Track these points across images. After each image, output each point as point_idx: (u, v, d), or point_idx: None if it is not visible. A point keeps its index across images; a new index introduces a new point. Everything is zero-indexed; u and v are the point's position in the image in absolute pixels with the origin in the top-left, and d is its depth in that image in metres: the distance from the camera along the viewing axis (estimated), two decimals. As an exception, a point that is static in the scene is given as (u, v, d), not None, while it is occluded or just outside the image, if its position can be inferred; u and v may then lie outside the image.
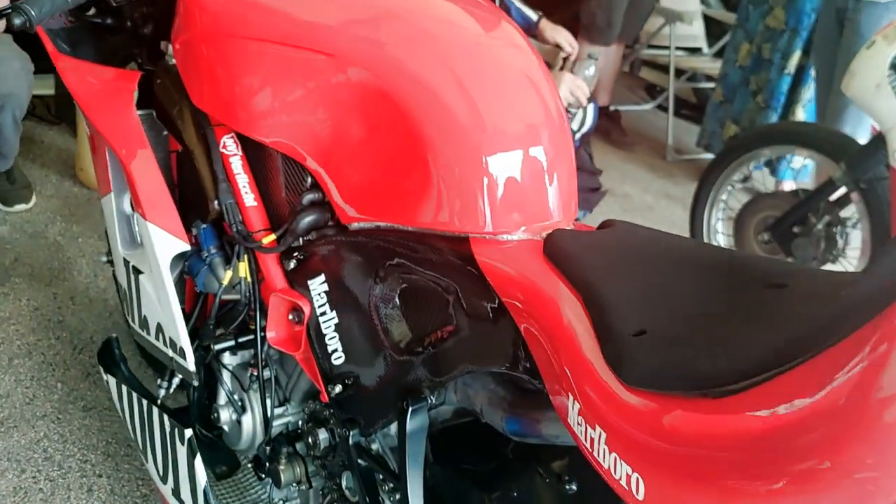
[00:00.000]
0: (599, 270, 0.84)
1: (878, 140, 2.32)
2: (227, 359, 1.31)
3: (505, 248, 1.00)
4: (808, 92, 3.69)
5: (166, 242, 1.21)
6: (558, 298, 0.85)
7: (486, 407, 1.05)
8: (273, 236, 1.19)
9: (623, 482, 0.67)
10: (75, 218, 2.69)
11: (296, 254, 1.20)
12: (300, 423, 1.32)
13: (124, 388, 1.44)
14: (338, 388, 1.14)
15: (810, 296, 0.70)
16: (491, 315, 0.95)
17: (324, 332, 1.16)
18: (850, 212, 2.57)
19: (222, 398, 1.33)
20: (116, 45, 1.53)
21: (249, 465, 1.44)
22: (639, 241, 0.93)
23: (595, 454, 0.71)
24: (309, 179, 1.18)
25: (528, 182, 1.04)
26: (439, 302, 1.04)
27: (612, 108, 4.34)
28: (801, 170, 3.45)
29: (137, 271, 1.30)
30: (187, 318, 1.30)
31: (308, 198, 1.18)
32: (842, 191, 2.51)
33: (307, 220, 1.17)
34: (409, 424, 1.04)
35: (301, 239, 1.20)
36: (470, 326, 0.98)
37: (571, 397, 0.75)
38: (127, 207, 1.41)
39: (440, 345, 1.03)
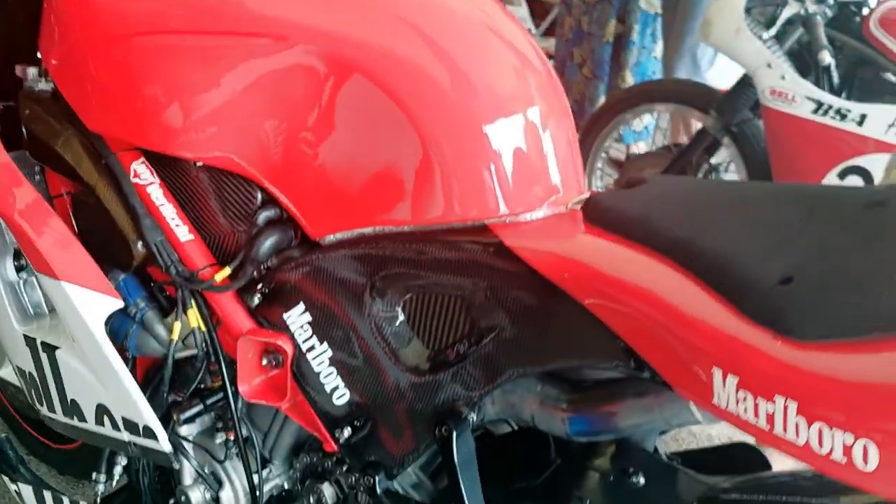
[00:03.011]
0: (681, 227, 0.73)
1: (743, 83, 2.40)
2: (186, 430, 1.08)
3: (536, 227, 0.87)
4: (633, 57, 3.83)
5: (93, 303, 0.96)
6: (639, 267, 0.73)
7: (538, 412, 0.91)
8: (228, 270, 0.99)
9: (837, 455, 0.56)
10: None
11: (259, 286, 1.00)
12: (289, 484, 1.11)
13: (47, 495, 1.16)
14: (347, 432, 0.96)
15: None
16: (545, 306, 0.81)
17: (316, 370, 0.97)
18: (721, 157, 2.66)
19: (188, 477, 1.10)
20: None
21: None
22: (694, 189, 0.83)
23: (779, 430, 0.60)
24: (259, 195, 0.99)
25: (534, 151, 0.92)
26: (462, 305, 0.89)
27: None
28: (641, 132, 3.58)
29: (50, 347, 1.04)
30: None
31: (263, 216, 0.99)
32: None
33: (268, 242, 0.98)
34: (458, 452, 0.88)
35: (261, 268, 1.00)
36: (516, 324, 0.84)
37: (719, 373, 0.63)
38: (11, 274, 1.14)
39: (474, 353, 0.88)
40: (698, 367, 0.65)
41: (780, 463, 1.14)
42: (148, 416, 0.96)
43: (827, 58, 2.16)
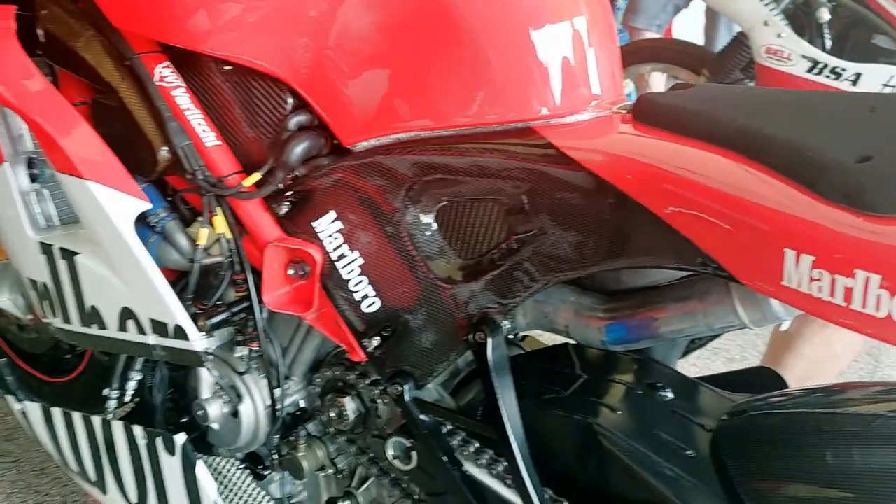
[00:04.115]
0: (743, 119, 0.73)
1: (736, 43, 2.42)
2: (206, 342, 1.06)
3: (584, 128, 0.86)
4: (617, 22, 3.85)
5: (121, 203, 0.94)
6: (702, 161, 0.73)
7: (573, 321, 0.91)
8: (257, 176, 0.97)
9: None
10: None
11: (288, 194, 0.98)
12: (307, 401, 1.11)
13: (56, 412, 1.14)
14: (376, 341, 0.95)
15: None
16: (596, 207, 0.80)
17: (346, 278, 0.96)
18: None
19: (206, 391, 1.08)
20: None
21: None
22: (747, 91, 0.83)
23: (857, 305, 0.60)
24: (290, 100, 0.97)
25: (578, 58, 0.91)
26: (500, 211, 0.88)
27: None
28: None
29: (70, 253, 1.01)
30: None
31: (294, 121, 0.97)
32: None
33: (299, 149, 0.96)
34: (493, 357, 0.88)
35: (291, 176, 0.98)
36: (561, 227, 0.83)
37: (792, 254, 0.64)
38: (25, 183, 1.11)
39: (511, 260, 0.88)
40: (768, 251, 0.65)
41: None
42: (180, 314, 0.94)
43: (826, 14, 2.18)
